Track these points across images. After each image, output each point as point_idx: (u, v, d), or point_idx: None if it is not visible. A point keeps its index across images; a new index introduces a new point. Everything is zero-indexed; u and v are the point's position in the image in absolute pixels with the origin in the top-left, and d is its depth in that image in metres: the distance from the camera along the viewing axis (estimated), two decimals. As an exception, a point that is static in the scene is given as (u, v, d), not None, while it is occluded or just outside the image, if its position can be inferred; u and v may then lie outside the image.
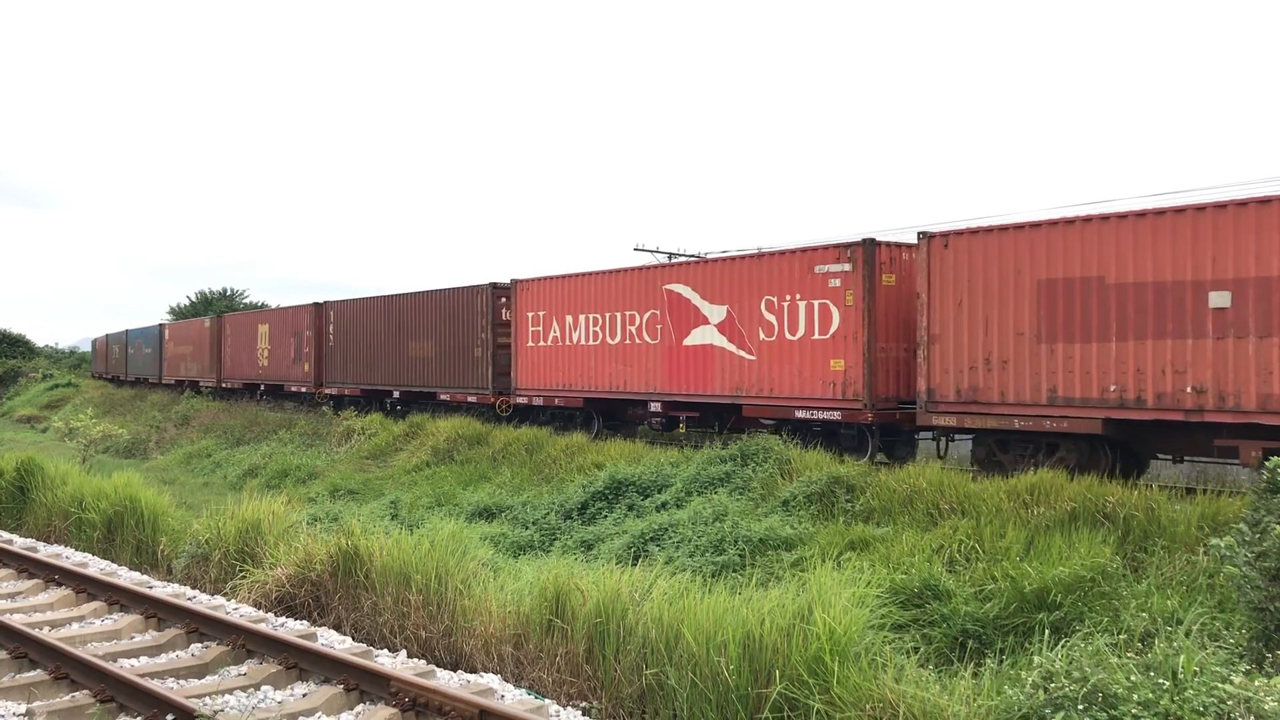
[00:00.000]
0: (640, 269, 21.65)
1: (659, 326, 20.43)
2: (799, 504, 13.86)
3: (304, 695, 7.60)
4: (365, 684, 7.49)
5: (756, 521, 13.30)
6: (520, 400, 24.23)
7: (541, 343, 23.53)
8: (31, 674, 8.00)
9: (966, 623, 9.35)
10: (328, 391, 32.78)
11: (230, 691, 7.61)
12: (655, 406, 20.90)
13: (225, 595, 10.80)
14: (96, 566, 12.29)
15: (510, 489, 18.76)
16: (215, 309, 64.61)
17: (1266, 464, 7.53)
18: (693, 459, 16.83)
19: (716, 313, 19.13)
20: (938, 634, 9.31)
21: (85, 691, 7.51)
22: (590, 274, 22.42)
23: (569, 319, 22.72)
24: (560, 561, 9.20)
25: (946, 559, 10.93)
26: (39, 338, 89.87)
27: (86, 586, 10.72)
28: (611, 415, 22.96)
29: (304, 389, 34.08)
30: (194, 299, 72.18)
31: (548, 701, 7.47)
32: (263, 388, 38.76)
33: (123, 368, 59.27)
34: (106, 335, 65.51)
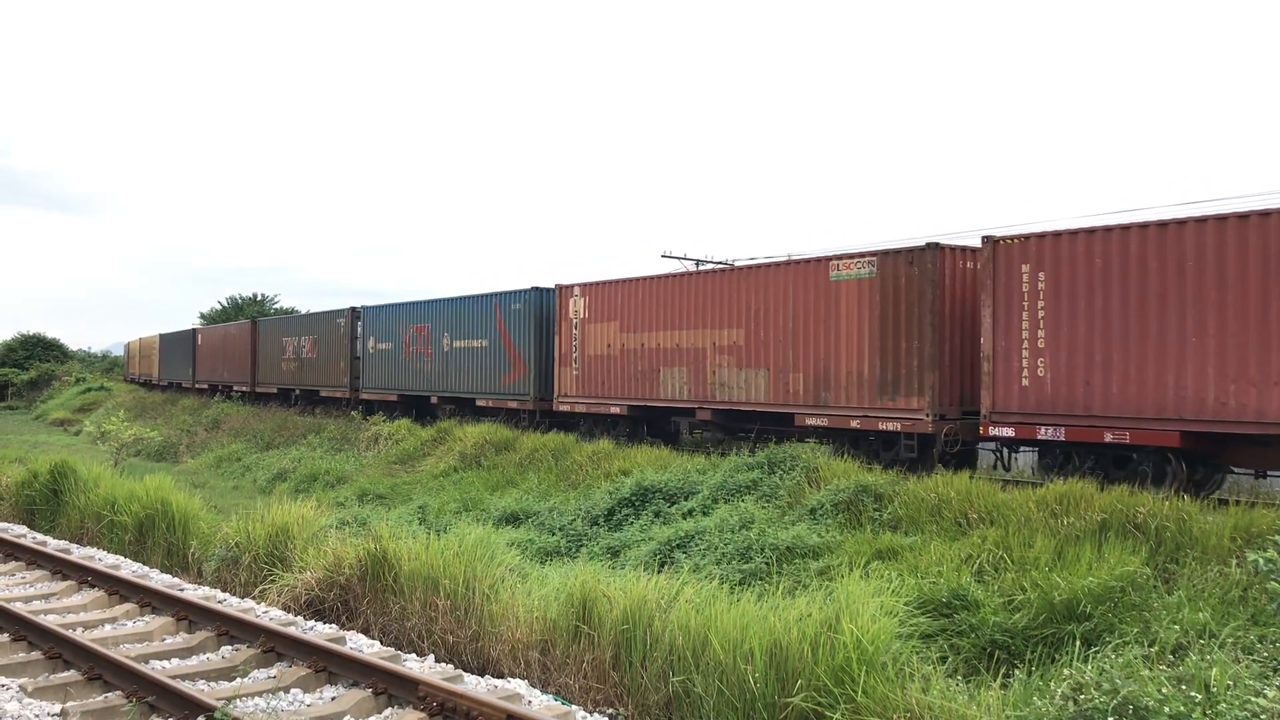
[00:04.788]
0: None
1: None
2: (826, 512, 13.82)
3: (333, 698, 7.66)
4: (393, 688, 7.54)
5: (783, 529, 13.26)
6: None
7: None
8: (66, 674, 8.11)
9: (995, 633, 9.30)
10: None
11: (260, 694, 7.68)
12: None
13: (255, 598, 10.89)
14: (128, 569, 12.42)
15: (537, 495, 18.80)
16: (246, 314, 64.97)
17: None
18: (720, 466, 16.80)
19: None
20: (966, 644, 9.26)
21: (118, 692, 7.60)
22: None
23: None
24: (587, 568, 9.21)
25: (975, 569, 10.87)
26: (72, 342, 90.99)
27: (119, 588, 10.84)
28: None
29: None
30: (224, 304, 72.82)
31: (574, 707, 7.48)
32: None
33: (330, 376, 33.19)
34: (236, 324, 44.53)
